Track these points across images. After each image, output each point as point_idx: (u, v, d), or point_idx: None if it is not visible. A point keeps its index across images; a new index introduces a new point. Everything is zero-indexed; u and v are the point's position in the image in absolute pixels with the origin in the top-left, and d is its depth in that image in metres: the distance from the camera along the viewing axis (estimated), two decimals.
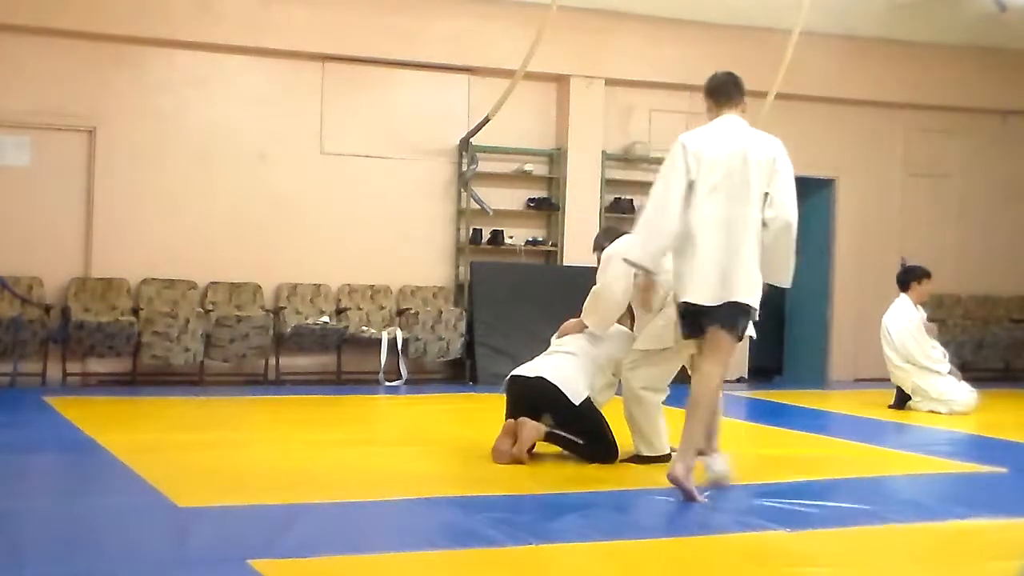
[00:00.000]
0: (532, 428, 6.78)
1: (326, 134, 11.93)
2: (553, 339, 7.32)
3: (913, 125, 13.95)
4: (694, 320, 6.09)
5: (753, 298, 6.05)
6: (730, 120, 6.21)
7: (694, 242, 6.02)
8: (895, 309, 10.50)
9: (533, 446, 6.86)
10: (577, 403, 6.81)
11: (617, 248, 7.03)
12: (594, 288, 7.14)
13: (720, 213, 6.01)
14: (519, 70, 11.19)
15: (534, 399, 6.88)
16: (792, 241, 6.10)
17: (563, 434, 6.85)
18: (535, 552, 4.86)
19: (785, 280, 6.23)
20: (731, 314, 6.01)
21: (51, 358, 10.77)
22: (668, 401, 7.04)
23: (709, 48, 12.80)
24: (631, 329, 7.21)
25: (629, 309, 7.14)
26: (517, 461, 6.70)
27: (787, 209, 6.03)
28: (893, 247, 12.97)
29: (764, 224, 6.02)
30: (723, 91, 6.28)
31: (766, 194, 6.03)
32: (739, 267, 5.99)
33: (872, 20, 12.74)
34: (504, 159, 12.54)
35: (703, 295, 6.02)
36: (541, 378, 6.88)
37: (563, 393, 6.81)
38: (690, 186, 6.03)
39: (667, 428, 6.96)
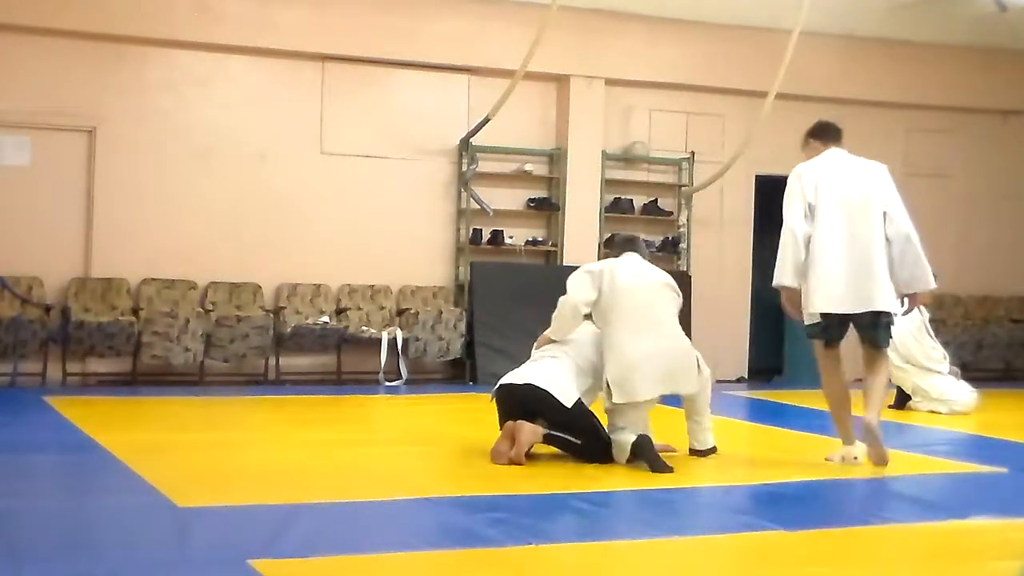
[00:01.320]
0: (530, 431, 6.76)
1: (326, 134, 11.93)
2: (533, 350, 7.31)
3: (913, 125, 13.94)
4: (836, 329, 6.97)
5: (892, 305, 6.89)
6: (838, 152, 7.11)
7: (818, 257, 6.77)
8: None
9: (531, 448, 6.85)
10: (569, 405, 6.79)
11: (585, 267, 7.13)
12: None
13: (844, 231, 6.78)
14: (519, 70, 11.19)
15: (526, 405, 6.87)
16: (918, 249, 6.84)
17: (561, 435, 6.84)
18: (534, 552, 4.86)
19: (928, 285, 6.96)
20: (873, 322, 6.92)
21: (51, 358, 10.77)
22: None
23: (709, 48, 12.84)
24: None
25: None
26: (515, 463, 6.69)
27: (905, 224, 6.85)
28: None
29: (887, 240, 6.79)
30: (828, 132, 7.25)
31: (884, 213, 6.83)
32: (877, 279, 6.77)
33: (872, 20, 12.74)
34: (504, 159, 12.54)
35: (832, 304, 6.82)
36: (530, 384, 6.87)
37: (554, 397, 6.79)
38: (810, 208, 6.82)
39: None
